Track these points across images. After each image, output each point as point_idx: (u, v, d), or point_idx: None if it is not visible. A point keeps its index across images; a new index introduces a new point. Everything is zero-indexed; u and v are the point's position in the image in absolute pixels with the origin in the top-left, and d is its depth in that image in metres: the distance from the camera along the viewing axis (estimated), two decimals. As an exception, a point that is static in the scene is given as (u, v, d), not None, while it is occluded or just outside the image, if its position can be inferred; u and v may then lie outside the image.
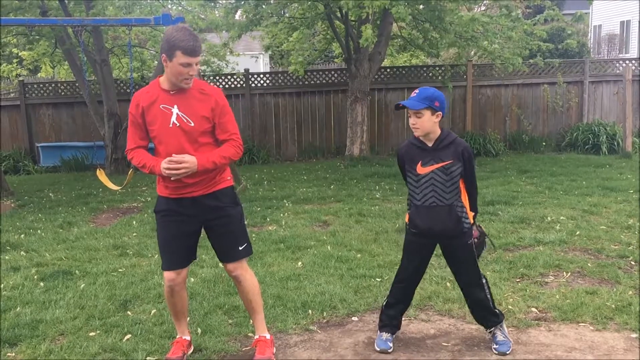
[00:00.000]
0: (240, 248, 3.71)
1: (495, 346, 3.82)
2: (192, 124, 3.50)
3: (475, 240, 3.82)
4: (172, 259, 3.68)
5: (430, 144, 3.69)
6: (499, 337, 3.85)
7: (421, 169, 3.69)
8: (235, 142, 3.61)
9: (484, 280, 3.85)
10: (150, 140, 3.66)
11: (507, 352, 3.76)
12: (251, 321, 4.01)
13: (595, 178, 9.12)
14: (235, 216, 3.70)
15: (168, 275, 3.68)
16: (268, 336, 3.86)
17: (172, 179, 3.46)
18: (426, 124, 3.62)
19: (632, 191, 8.05)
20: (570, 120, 12.72)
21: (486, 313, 3.88)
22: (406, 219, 3.88)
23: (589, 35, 27.75)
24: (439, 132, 3.69)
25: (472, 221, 3.79)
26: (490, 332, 3.90)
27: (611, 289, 4.71)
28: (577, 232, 6.23)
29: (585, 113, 12.63)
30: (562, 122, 12.73)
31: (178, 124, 3.50)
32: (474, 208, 3.83)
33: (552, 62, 12.27)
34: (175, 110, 3.50)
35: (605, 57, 23.17)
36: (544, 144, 12.43)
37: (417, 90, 3.67)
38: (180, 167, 3.40)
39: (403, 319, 4.12)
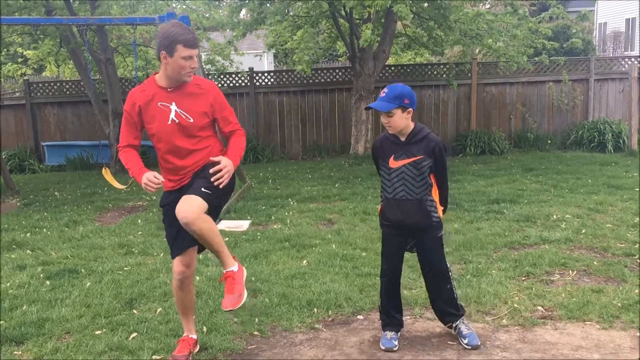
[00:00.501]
0: (202, 189, 3.45)
1: (465, 341, 3.86)
2: (192, 120, 3.53)
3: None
4: (179, 245, 3.67)
5: (403, 139, 3.77)
6: (465, 330, 3.91)
7: (393, 163, 3.78)
8: (240, 132, 3.71)
9: (450, 273, 3.94)
10: (141, 138, 3.71)
11: (480, 344, 3.81)
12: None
13: (601, 176, 9.09)
14: (206, 168, 3.56)
15: (177, 267, 3.69)
16: (236, 268, 3.59)
17: (220, 187, 3.47)
18: (398, 122, 3.71)
19: (638, 189, 8.01)
20: (575, 118, 12.68)
21: (448, 307, 3.94)
22: (379, 211, 3.99)
23: (594, 33, 27.64)
24: (412, 126, 3.77)
25: (441, 215, 3.86)
26: (454, 327, 3.95)
27: (617, 287, 4.70)
28: (583, 231, 6.21)
29: (590, 111, 12.59)
30: (568, 120, 12.69)
31: (177, 121, 3.52)
32: (443, 202, 3.89)
33: (557, 60, 12.23)
34: (173, 107, 3.53)
35: (611, 55, 23.10)
36: (549, 142, 12.39)
37: (385, 90, 3.75)
38: (225, 171, 3.46)
39: (408, 317, 4.12)
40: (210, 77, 12.07)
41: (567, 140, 12.45)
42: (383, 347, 3.87)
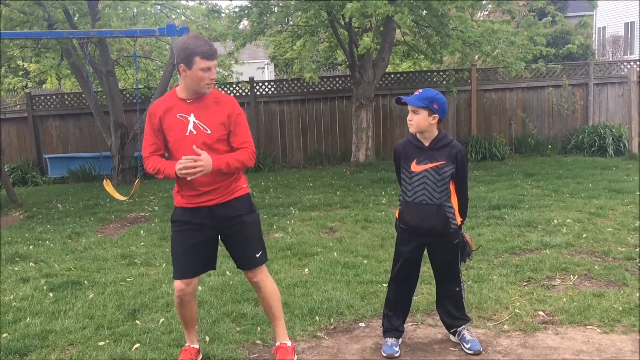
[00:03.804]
0: (257, 255, 3.73)
1: (467, 346, 3.88)
2: (209, 132, 3.53)
3: (461, 239, 3.92)
4: (183, 268, 3.66)
5: (427, 144, 3.80)
6: (468, 336, 3.93)
7: (415, 167, 3.80)
8: (248, 149, 3.62)
9: (461, 282, 3.98)
10: (166, 150, 3.68)
11: (482, 350, 3.84)
12: (272, 328, 4.01)
13: (602, 180, 9.10)
14: (250, 223, 3.72)
15: (178, 285, 3.69)
16: (289, 343, 3.87)
17: (188, 179, 3.45)
18: (421, 122, 3.73)
19: (638, 193, 8.02)
20: (575, 122, 12.71)
21: (457, 311, 3.96)
22: (396, 215, 3.99)
23: (593, 37, 27.69)
24: (436, 132, 3.80)
25: (459, 223, 3.87)
26: (458, 332, 3.96)
27: (618, 291, 4.70)
28: (584, 235, 6.22)
29: (590, 115, 12.61)
30: (568, 124, 12.72)
31: (195, 132, 3.53)
32: (462, 213, 3.90)
33: (554, 68, 12.24)
34: (192, 118, 3.54)
35: (610, 59, 23.13)
36: (549, 146, 12.41)
37: (420, 90, 3.80)
38: (196, 165, 3.40)
39: (410, 324, 4.13)
40: (210, 87, 12.10)
41: (567, 145, 12.47)
42: (385, 354, 3.88)
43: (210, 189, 3.57)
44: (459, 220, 3.86)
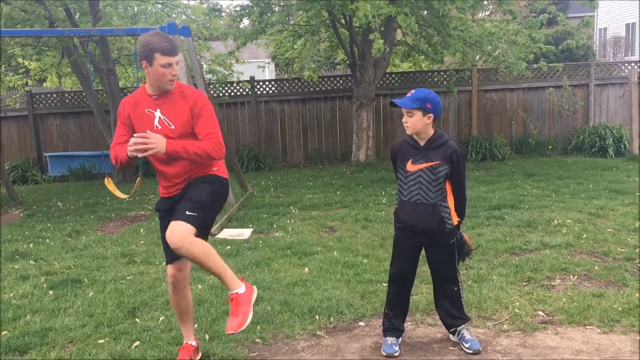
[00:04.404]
0: (187, 212, 3.45)
1: (467, 345, 3.89)
2: (173, 127, 3.56)
3: (459, 239, 3.93)
4: (168, 252, 3.70)
5: (422, 143, 3.81)
6: (467, 335, 3.93)
7: (411, 167, 3.82)
8: (212, 140, 3.52)
9: (459, 281, 3.98)
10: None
11: (481, 349, 3.85)
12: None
13: (602, 181, 9.10)
14: (196, 184, 3.58)
15: (169, 270, 3.77)
16: (241, 290, 3.55)
17: (139, 156, 3.42)
18: (417, 124, 3.74)
19: (639, 193, 8.02)
20: (576, 123, 12.71)
21: (456, 311, 3.97)
22: (394, 213, 4.01)
23: (595, 38, 27.69)
24: (431, 132, 3.81)
25: (455, 223, 3.87)
26: (457, 332, 3.97)
27: (618, 291, 4.71)
28: (584, 235, 6.22)
29: (591, 116, 12.62)
30: (569, 125, 12.72)
31: (160, 127, 3.57)
32: (459, 213, 3.91)
33: (556, 67, 12.26)
34: (157, 114, 3.58)
35: (611, 60, 23.13)
36: (550, 147, 12.42)
37: (413, 91, 3.79)
38: (147, 141, 3.36)
39: (410, 323, 4.13)
40: (211, 86, 12.13)
41: (568, 146, 12.47)
42: (384, 353, 3.88)
43: (182, 179, 3.64)
44: (455, 220, 3.87)
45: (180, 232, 3.39)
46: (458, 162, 3.79)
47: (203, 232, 3.54)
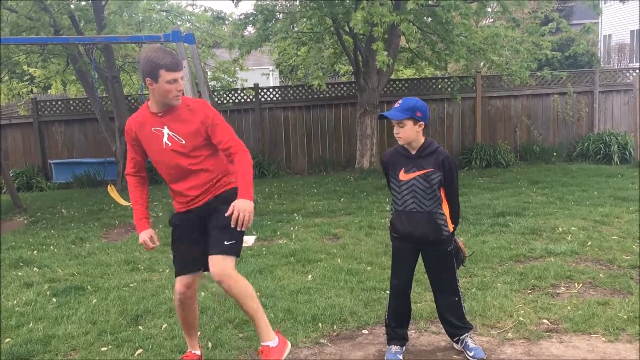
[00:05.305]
0: (225, 242, 3.49)
1: (470, 354, 3.86)
2: (184, 142, 3.53)
3: (454, 245, 3.92)
4: (182, 265, 3.73)
5: (413, 152, 3.80)
6: (471, 344, 3.91)
7: (403, 176, 3.80)
8: (241, 152, 3.53)
9: (459, 290, 3.96)
10: (145, 158, 3.74)
11: (485, 357, 3.82)
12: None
13: (607, 188, 9.07)
14: (224, 209, 3.52)
15: (178, 286, 3.72)
16: (273, 344, 3.54)
17: (245, 229, 3.44)
18: (409, 134, 3.73)
19: (644, 201, 8.00)
20: (580, 130, 12.68)
21: (457, 320, 3.94)
22: (389, 224, 4.00)
23: (599, 45, 27.68)
24: (422, 140, 3.80)
25: (451, 231, 3.86)
26: (461, 340, 3.94)
27: (623, 299, 4.68)
28: (589, 243, 6.19)
29: (596, 123, 12.59)
30: (573, 132, 12.69)
31: (170, 144, 3.54)
32: (454, 219, 3.89)
33: (559, 75, 12.23)
34: (165, 131, 3.54)
35: (615, 67, 23.10)
36: (554, 154, 12.38)
37: (400, 101, 3.78)
38: (241, 216, 3.34)
39: (413, 331, 4.11)
40: (215, 93, 12.16)
41: (572, 153, 12.44)
42: (388, 362, 3.87)
43: (200, 191, 3.61)
44: (450, 227, 3.86)
45: (222, 266, 3.44)
46: (450, 168, 3.78)
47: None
